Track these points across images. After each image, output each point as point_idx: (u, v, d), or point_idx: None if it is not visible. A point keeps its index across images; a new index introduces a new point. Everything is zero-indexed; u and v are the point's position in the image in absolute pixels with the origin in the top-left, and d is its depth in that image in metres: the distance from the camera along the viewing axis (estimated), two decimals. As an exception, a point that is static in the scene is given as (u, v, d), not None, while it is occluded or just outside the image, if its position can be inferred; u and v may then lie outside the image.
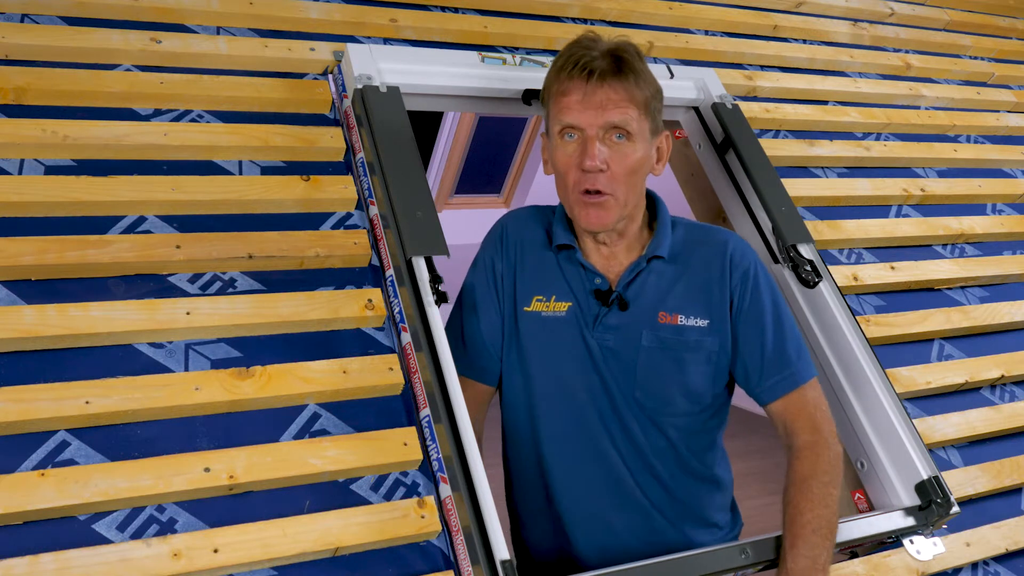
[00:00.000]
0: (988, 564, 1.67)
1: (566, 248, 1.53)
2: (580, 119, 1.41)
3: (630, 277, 1.51)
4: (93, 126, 1.47)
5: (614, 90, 1.41)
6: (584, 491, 1.51)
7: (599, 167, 1.41)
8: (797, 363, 1.50)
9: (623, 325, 1.49)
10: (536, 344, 1.52)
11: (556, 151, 1.46)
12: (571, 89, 1.42)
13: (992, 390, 1.95)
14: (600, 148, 1.41)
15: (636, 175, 1.45)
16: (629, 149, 1.43)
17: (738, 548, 1.42)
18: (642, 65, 1.45)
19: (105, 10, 1.61)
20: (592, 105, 1.41)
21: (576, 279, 1.52)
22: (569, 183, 1.45)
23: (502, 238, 1.58)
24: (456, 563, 1.29)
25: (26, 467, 1.18)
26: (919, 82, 2.57)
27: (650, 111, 1.45)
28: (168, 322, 1.34)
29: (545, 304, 1.52)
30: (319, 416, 1.36)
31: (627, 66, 1.42)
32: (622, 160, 1.42)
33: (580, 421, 1.50)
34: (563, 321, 1.51)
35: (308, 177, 1.57)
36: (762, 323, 1.50)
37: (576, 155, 1.43)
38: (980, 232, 2.23)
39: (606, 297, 1.50)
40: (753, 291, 1.50)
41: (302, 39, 1.75)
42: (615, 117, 1.41)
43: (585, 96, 1.41)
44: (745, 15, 2.39)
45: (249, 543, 1.21)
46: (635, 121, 1.42)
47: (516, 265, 1.56)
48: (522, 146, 5.23)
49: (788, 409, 1.49)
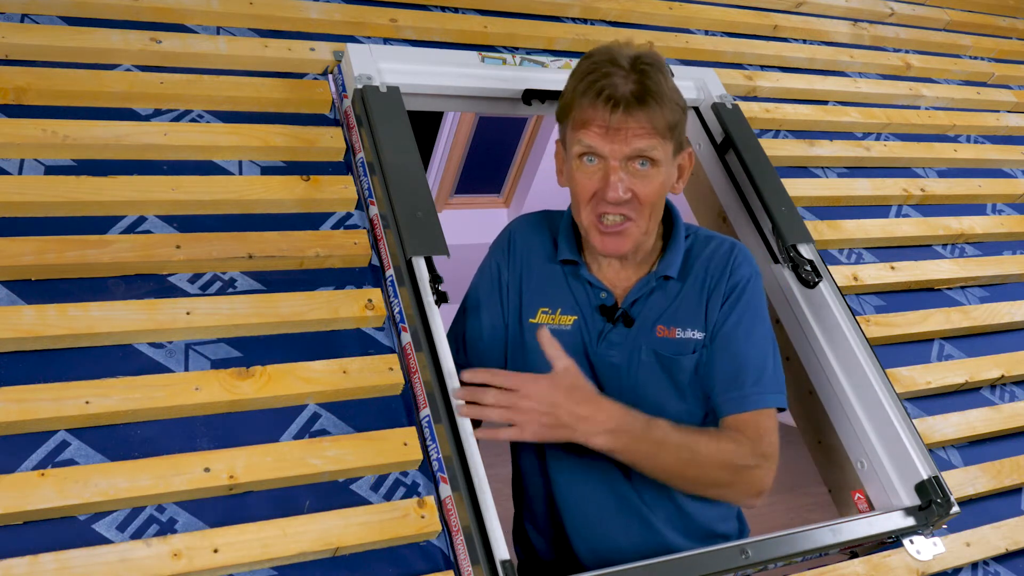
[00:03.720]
0: (988, 564, 1.67)
1: (571, 263, 1.51)
2: (603, 148, 1.37)
3: (637, 295, 1.49)
4: (93, 126, 1.47)
5: (638, 122, 1.35)
6: (589, 507, 1.49)
7: (623, 198, 1.37)
8: (755, 387, 1.44)
9: (626, 341, 1.48)
10: (540, 357, 1.47)
11: (575, 172, 1.41)
12: (593, 119, 1.37)
13: (992, 390, 1.94)
14: (623, 177, 1.37)
15: (658, 201, 1.42)
16: (653, 175, 1.39)
17: (738, 548, 1.42)
18: (667, 85, 1.39)
19: (105, 10, 1.61)
20: (616, 138, 1.36)
21: (582, 293, 1.51)
22: (589, 208, 1.41)
23: (509, 246, 1.56)
24: (456, 563, 1.29)
25: (26, 467, 1.18)
26: (919, 82, 2.57)
27: (675, 135, 1.41)
28: (168, 322, 1.33)
29: (551, 317, 1.51)
30: (319, 416, 1.36)
31: (652, 95, 1.36)
32: (644, 187, 1.39)
33: None
34: (568, 335, 1.49)
35: (308, 177, 1.57)
36: (734, 336, 1.46)
37: (597, 181, 1.39)
38: (980, 232, 2.23)
39: (611, 313, 1.49)
40: (734, 304, 1.47)
41: (302, 39, 1.75)
42: (640, 145, 1.36)
43: (609, 127, 1.36)
44: (745, 15, 2.39)
45: (249, 543, 1.21)
46: (659, 148, 1.38)
47: (522, 275, 1.54)
48: (522, 146, 5.23)
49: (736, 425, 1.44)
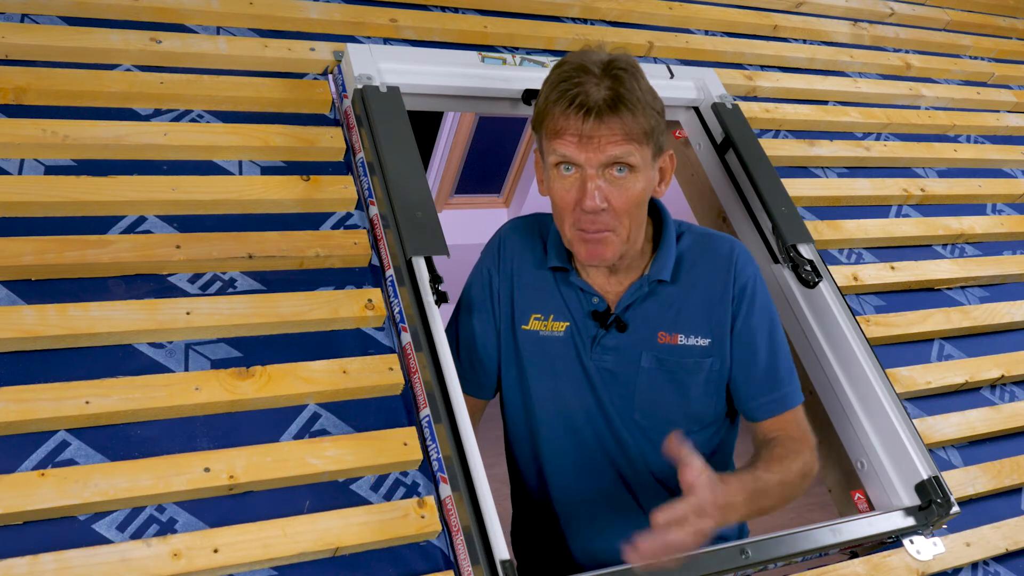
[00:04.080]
0: (988, 564, 1.67)
1: (560, 270, 1.49)
2: (578, 157, 1.33)
3: (630, 300, 1.46)
4: (93, 126, 1.47)
5: (611, 129, 1.31)
6: (585, 510, 1.49)
7: (600, 207, 1.33)
8: (788, 386, 1.47)
9: (622, 347, 1.46)
10: (534, 363, 1.49)
11: (553, 182, 1.38)
12: (567, 129, 1.32)
13: (992, 390, 1.94)
14: (600, 185, 1.33)
15: (639, 208, 1.38)
16: (631, 182, 1.35)
17: (738, 548, 1.42)
18: (641, 90, 1.34)
19: (105, 10, 1.61)
20: (591, 146, 1.32)
21: (573, 299, 1.48)
22: (567, 220, 1.38)
23: (499, 252, 1.54)
24: (456, 563, 1.29)
25: (26, 467, 1.18)
26: (919, 82, 2.57)
27: (653, 139, 1.36)
28: (168, 322, 1.33)
29: (543, 323, 1.49)
30: (319, 416, 1.36)
31: (624, 101, 1.31)
32: (623, 195, 1.34)
33: (578, 442, 1.48)
34: (560, 341, 1.48)
35: (308, 177, 1.57)
36: (755, 342, 1.46)
37: (575, 191, 1.35)
38: (980, 232, 2.23)
39: (604, 318, 1.47)
40: (749, 308, 1.46)
41: (302, 39, 1.75)
42: (615, 152, 1.32)
43: (582, 136, 1.31)
44: (745, 15, 2.39)
45: (249, 543, 1.21)
46: (636, 153, 1.33)
47: (513, 281, 1.52)
48: (522, 146, 5.22)
49: (775, 426, 1.46)
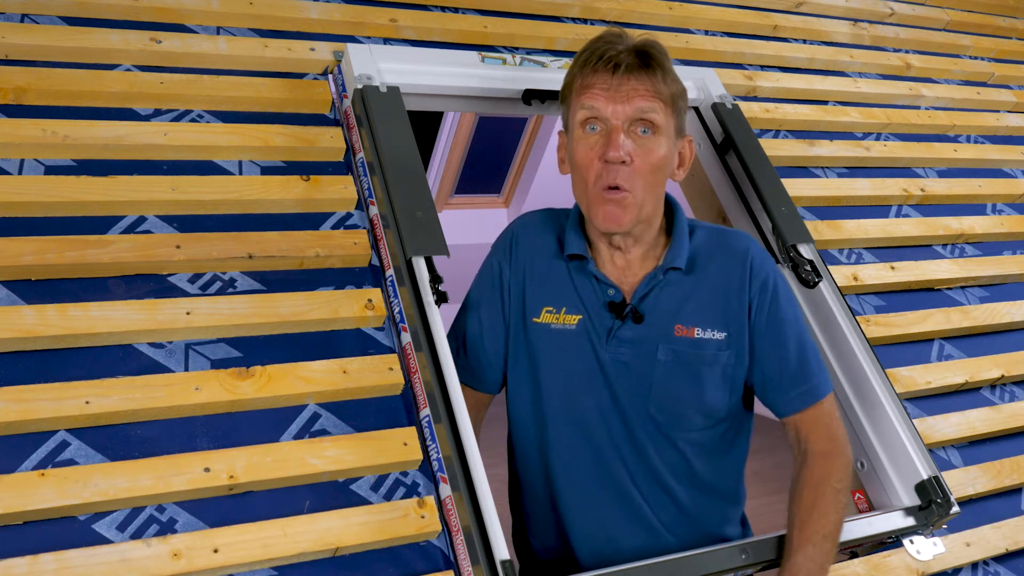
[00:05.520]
0: (988, 564, 1.67)
1: (578, 258, 1.48)
2: (605, 109, 1.37)
3: (646, 290, 1.45)
4: (93, 126, 1.47)
5: (640, 83, 1.37)
6: (591, 507, 1.48)
7: (623, 158, 1.35)
8: (818, 377, 1.47)
9: (638, 339, 1.45)
10: (545, 357, 1.47)
11: (577, 144, 1.40)
12: (596, 82, 1.37)
13: (992, 390, 1.95)
14: (624, 140, 1.36)
15: (658, 173, 1.40)
16: (654, 144, 1.38)
17: (738, 548, 1.42)
18: (668, 63, 1.41)
19: (105, 10, 1.61)
20: (618, 97, 1.36)
21: (588, 291, 1.47)
22: (590, 177, 1.39)
23: (511, 245, 1.53)
24: (456, 563, 1.29)
25: (26, 467, 1.18)
26: (919, 82, 2.57)
27: (676, 109, 1.41)
28: (168, 322, 1.34)
29: (555, 316, 1.48)
30: (319, 416, 1.36)
31: (654, 61, 1.38)
32: (646, 155, 1.37)
33: (588, 438, 1.46)
34: (573, 334, 1.46)
35: (308, 177, 1.57)
36: (783, 336, 1.45)
37: (599, 147, 1.38)
38: (980, 232, 2.23)
39: (620, 310, 1.45)
40: (772, 302, 1.45)
41: (302, 39, 1.75)
42: (642, 105, 1.36)
43: (611, 88, 1.36)
44: (745, 15, 2.39)
45: (249, 543, 1.21)
46: (661, 114, 1.38)
47: (525, 274, 1.51)
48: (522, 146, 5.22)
49: (806, 420, 1.46)
